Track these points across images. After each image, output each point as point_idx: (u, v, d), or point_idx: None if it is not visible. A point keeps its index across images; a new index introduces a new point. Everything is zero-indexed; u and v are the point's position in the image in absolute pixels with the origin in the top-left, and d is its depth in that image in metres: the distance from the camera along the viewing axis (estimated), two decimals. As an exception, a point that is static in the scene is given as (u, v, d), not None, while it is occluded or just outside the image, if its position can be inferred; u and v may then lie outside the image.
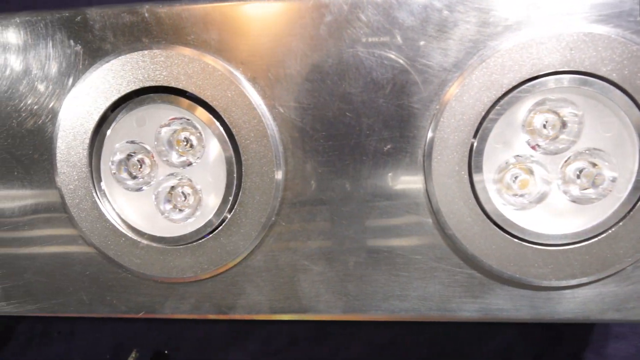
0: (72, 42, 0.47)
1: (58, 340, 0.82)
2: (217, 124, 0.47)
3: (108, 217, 0.49)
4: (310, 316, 0.50)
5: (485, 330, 0.72)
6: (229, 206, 0.48)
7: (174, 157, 0.49)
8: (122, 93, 0.47)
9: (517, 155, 0.45)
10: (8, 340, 0.83)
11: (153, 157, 0.49)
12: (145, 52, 0.46)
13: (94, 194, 0.49)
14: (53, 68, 0.48)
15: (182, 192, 0.49)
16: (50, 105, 0.49)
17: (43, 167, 0.50)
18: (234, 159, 0.47)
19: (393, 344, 0.73)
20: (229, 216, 0.48)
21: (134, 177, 0.49)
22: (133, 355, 0.78)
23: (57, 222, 0.51)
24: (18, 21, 0.48)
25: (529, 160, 0.45)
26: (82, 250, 0.51)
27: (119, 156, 0.49)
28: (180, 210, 0.49)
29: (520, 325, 0.71)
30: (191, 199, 0.49)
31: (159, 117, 0.48)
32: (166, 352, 0.79)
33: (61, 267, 0.52)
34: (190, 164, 0.49)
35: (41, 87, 0.48)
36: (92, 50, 0.47)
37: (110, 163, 0.49)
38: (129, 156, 0.49)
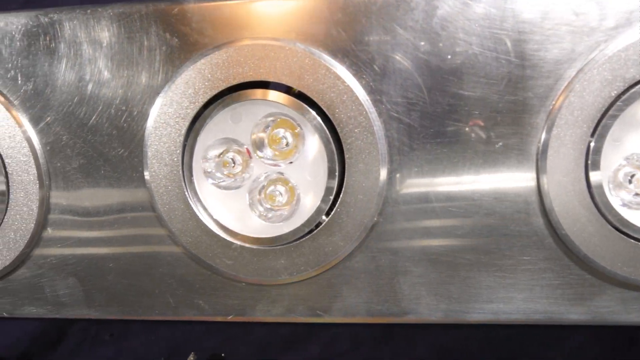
0: (168, 35, 0.45)
1: (110, 343, 0.80)
2: (319, 119, 0.45)
3: (200, 216, 0.48)
4: (409, 319, 0.48)
5: (555, 333, 0.70)
6: (328, 206, 0.46)
7: (270, 155, 0.47)
8: (219, 89, 0.45)
9: (634, 154, 0.44)
10: (58, 343, 0.81)
11: (249, 154, 0.47)
12: (245, 45, 0.44)
13: (186, 193, 0.47)
14: (147, 62, 0.46)
15: (279, 192, 0.47)
16: (143, 102, 0.47)
17: (132, 165, 0.48)
18: (336, 156, 0.45)
19: (459, 346, 0.72)
20: (328, 216, 0.46)
21: (228, 176, 0.48)
22: (191, 358, 0.76)
23: (145, 221, 0.49)
24: (111, 13, 0.46)
25: (645, 158, 0.43)
26: (170, 250, 0.49)
27: (213, 154, 0.47)
28: (276, 210, 0.48)
29: (592, 328, 0.69)
30: (288, 199, 0.47)
31: (255, 113, 0.47)
32: (223, 355, 0.77)
33: (147, 268, 0.50)
34: (287, 162, 0.47)
35: (134, 83, 0.47)
36: (189, 44, 0.45)
37: (203, 161, 0.48)
38: (223, 154, 0.47)
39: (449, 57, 0.43)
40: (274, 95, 0.45)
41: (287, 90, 0.45)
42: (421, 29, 0.43)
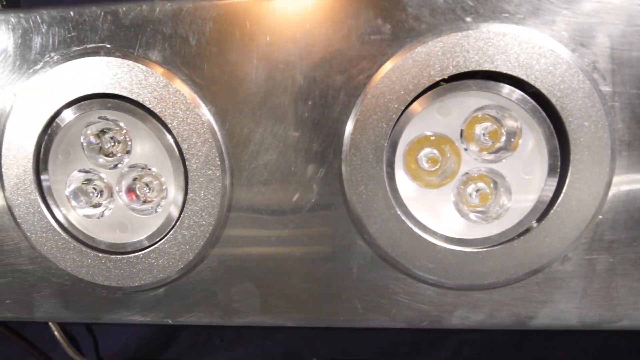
0: (380, 21, 0.42)
1: (220, 349, 0.77)
2: (541, 111, 0.42)
3: (402, 216, 0.44)
4: (622, 325, 0.45)
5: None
6: (546, 204, 0.43)
7: (480, 150, 0.44)
8: (433, 79, 0.42)
9: None
10: (166, 348, 0.77)
11: (457, 150, 0.44)
12: (469, 33, 0.41)
13: (387, 190, 0.44)
14: (353, 52, 0.43)
15: (486, 190, 0.44)
16: (342, 95, 0.44)
17: (326, 161, 0.45)
18: (558, 151, 0.42)
19: (603, 350, 0.69)
20: (545, 216, 0.43)
21: (431, 173, 0.45)
22: (313, 365, 0.73)
23: (335, 220, 0.46)
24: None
25: None
26: (362, 252, 0.46)
27: (421, 149, 0.44)
28: (483, 211, 0.45)
29: None
30: (495, 198, 0.44)
31: (466, 106, 0.44)
32: (343, 361, 0.74)
33: (333, 271, 0.47)
34: (499, 158, 0.44)
35: (334, 74, 0.43)
36: (404, 31, 0.42)
37: (404, 155, 0.44)
38: (427, 149, 0.44)
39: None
40: (493, 86, 0.42)
41: (513, 82, 0.42)
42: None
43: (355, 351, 0.74)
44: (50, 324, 0.77)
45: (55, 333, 0.76)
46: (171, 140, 0.46)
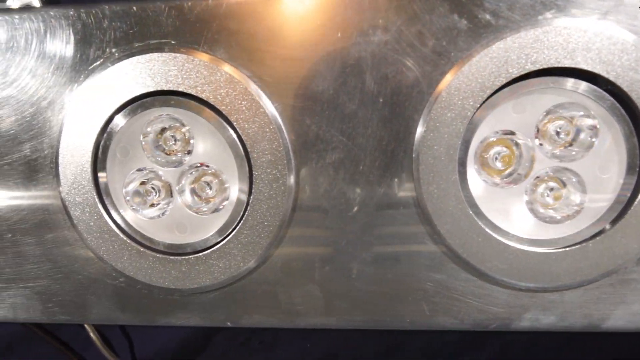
0: (456, 16, 0.41)
1: (260, 351, 0.76)
2: (621, 109, 0.41)
3: (473, 215, 0.43)
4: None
5: None
6: (623, 204, 0.42)
7: (555, 148, 0.43)
8: (511, 76, 0.41)
9: None
10: (202, 350, 0.76)
11: (530, 149, 0.43)
12: (549, 28, 0.40)
13: (460, 189, 0.43)
14: (428, 45, 0.42)
15: (559, 189, 0.43)
16: (415, 90, 0.43)
17: (396, 160, 0.44)
18: (638, 149, 0.41)
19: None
20: (623, 216, 0.42)
21: (503, 172, 0.44)
22: (354, 367, 0.71)
23: (404, 219, 0.45)
24: (391, -8, 0.42)
25: None
26: (430, 251, 0.45)
27: (492, 145, 0.43)
28: (557, 210, 0.44)
29: None
30: (569, 197, 0.43)
31: (542, 104, 0.43)
32: (383, 363, 0.73)
33: (401, 273, 0.46)
34: (575, 156, 0.43)
35: (405, 70, 0.42)
36: (481, 27, 0.41)
37: (478, 152, 0.43)
38: (498, 148, 0.43)
39: None
40: (572, 84, 0.41)
41: (590, 79, 0.41)
42: None
43: (396, 352, 0.72)
44: (85, 325, 0.76)
45: (91, 334, 0.75)
46: (235, 139, 0.45)
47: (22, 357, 0.80)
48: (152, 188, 0.48)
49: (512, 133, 0.43)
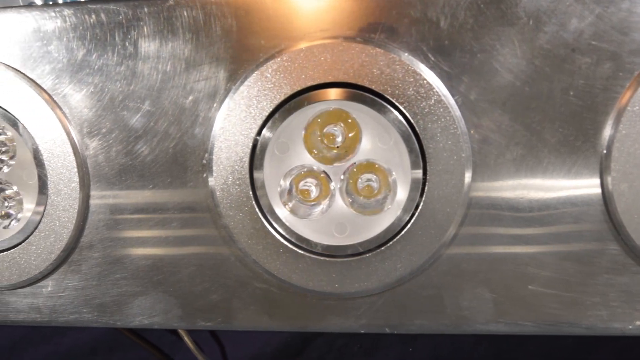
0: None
1: (358, 355, 0.73)
2: None
3: None
4: None
5: None
6: None
7: None
8: None
9: None
10: (298, 355, 0.74)
11: None
12: None
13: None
14: (627, 34, 0.39)
15: None
16: (615, 83, 0.40)
17: (583, 156, 0.42)
18: None
19: None
20: None
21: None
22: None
23: (585, 218, 0.42)
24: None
25: None
26: (614, 254, 0.43)
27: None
28: None
29: None
30: None
31: None
32: (489, 368, 0.71)
33: (579, 275, 0.43)
34: None
35: (615, 56, 0.40)
36: None
37: None
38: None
39: None
40: None
41: None
42: None
43: (508, 356, 0.70)
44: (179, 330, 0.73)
45: (185, 338, 0.72)
46: (411, 133, 0.42)
47: (109, 362, 0.77)
48: (311, 186, 0.45)
49: None
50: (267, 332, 0.72)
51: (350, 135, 0.44)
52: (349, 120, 0.43)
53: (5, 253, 0.49)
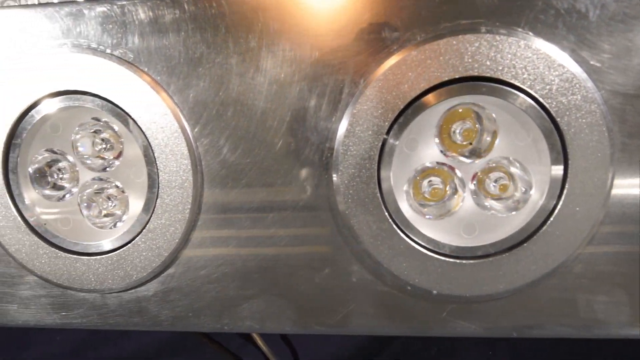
0: None
1: (436, 358, 0.71)
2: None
3: None
4: None
5: None
6: None
7: None
8: None
9: None
10: (377, 355, 0.72)
11: None
12: None
13: None
14: None
15: None
16: None
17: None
18: None
19: None
20: None
21: None
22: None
23: None
24: None
25: None
26: None
27: None
28: None
29: None
30: None
31: None
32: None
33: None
34: None
35: None
36: None
37: None
38: None
39: None
40: None
41: None
42: None
43: (584, 358, 0.69)
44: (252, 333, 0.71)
45: (258, 341, 0.70)
46: (553, 130, 0.41)
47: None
48: (440, 184, 0.43)
49: None
50: (336, 336, 0.71)
51: (485, 132, 0.42)
52: (486, 117, 0.42)
53: (109, 255, 0.47)
